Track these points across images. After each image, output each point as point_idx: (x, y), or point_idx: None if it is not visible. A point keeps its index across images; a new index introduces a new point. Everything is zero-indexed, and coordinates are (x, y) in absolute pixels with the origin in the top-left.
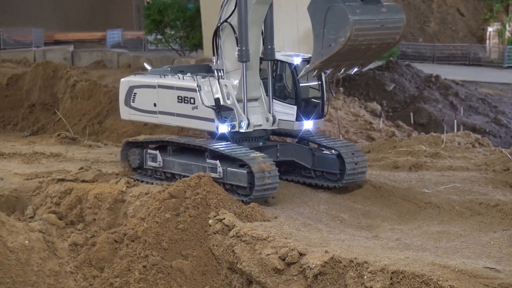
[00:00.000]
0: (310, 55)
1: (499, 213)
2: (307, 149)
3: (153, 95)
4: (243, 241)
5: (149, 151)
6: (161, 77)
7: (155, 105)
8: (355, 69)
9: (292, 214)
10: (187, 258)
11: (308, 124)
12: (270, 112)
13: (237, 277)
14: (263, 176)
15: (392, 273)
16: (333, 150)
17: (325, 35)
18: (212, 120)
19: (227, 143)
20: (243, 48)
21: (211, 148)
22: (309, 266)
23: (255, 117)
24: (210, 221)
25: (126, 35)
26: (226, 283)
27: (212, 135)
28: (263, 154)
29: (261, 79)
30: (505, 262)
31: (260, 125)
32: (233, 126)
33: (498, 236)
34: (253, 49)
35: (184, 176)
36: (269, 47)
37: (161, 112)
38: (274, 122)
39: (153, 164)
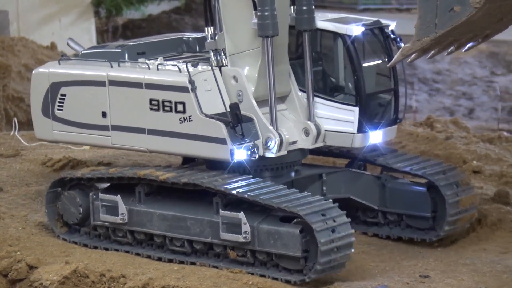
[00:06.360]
0: (373, 20)
1: None
2: (372, 178)
3: (101, 99)
4: None
5: (101, 195)
6: (112, 66)
7: (104, 115)
8: (469, 45)
9: None
10: None
11: (376, 137)
12: (311, 120)
13: None
14: (333, 237)
15: None
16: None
17: None
18: (221, 141)
19: (249, 178)
20: (267, 13)
21: (231, 191)
22: (42, 284)
23: (285, 130)
24: None
25: None
26: None
27: (213, 163)
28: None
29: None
30: None
31: (295, 142)
32: (255, 149)
33: None
34: (279, 14)
35: (172, 239)
36: (305, 8)
37: (116, 128)
38: (318, 135)
39: (111, 218)
